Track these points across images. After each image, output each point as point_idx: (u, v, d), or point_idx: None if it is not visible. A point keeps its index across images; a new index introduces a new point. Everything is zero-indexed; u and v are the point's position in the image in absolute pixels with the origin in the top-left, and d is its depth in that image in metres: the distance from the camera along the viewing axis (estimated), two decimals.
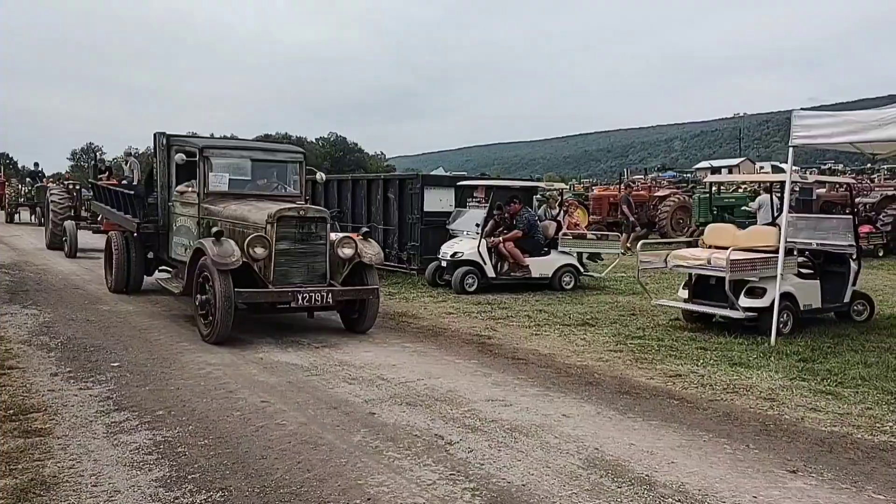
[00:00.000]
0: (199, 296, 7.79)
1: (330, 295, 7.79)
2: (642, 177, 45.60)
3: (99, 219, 16.78)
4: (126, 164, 19.42)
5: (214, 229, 7.79)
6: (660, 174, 50.70)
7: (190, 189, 9.15)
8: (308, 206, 8.35)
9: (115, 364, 6.70)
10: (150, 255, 10.84)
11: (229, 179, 9.11)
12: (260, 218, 7.86)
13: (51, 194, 18.67)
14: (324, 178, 10.50)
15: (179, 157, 8.91)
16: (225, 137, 12.48)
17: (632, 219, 20.63)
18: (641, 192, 26.39)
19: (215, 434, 4.85)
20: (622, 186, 25.54)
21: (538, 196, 15.53)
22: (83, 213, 18.34)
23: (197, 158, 8.86)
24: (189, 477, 4.13)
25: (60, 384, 6.02)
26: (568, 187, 34.37)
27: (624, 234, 18.65)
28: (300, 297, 7.59)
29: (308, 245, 7.90)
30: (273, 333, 8.26)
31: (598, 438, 4.90)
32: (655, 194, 25.89)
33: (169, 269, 10.49)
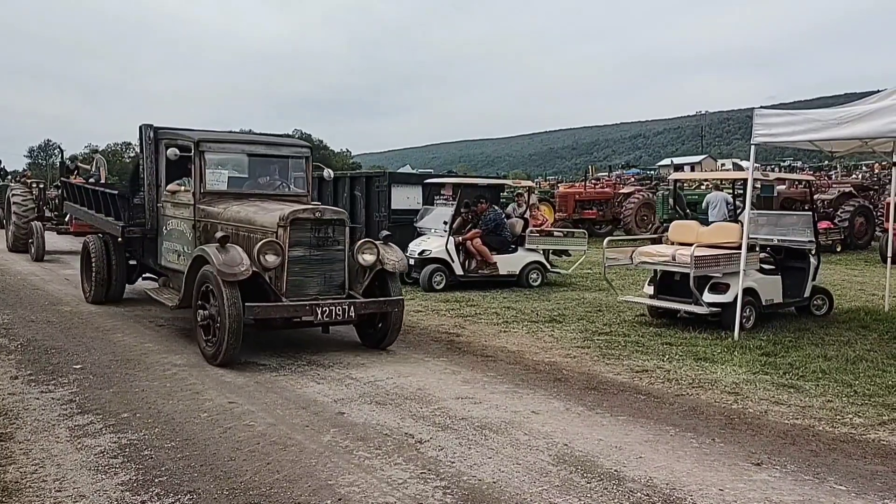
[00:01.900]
0: (200, 311, 6.84)
1: (352, 308, 6.87)
2: (606, 174, 46.04)
3: (66, 219, 16.30)
4: (92, 162, 18.93)
5: (219, 234, 6.81)
6: (624, 171, 51.30)
7: (183, 188, 8.22)
8: (324, 206, 7.28)
9: (78, 366, 6.57)
10: (133, 261, 9.97)
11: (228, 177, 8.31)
12: (270, 221, 6.94)
13: (13, 194, 17.48)
14: (332, 176, 9.62)
15: (172, 152, 7.81)
16: (212, 131, 11.40)
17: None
18: (606, 190, 26.66)
19: (182, 436, 4.79)
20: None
21: (505, 193, 15.58)
22: (47, 214, 17.48)
23: (192, 153, 7.87)
24: (156, 480, 4.07)
25: (21, 387, 5.89)
26: (534, 185, 34.55)
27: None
28: (319, 312, 6.68)
29: (325, 251, 7.00)
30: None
31: (567, 434, 4.94)
32: (620, 191, 26.18)
33: (154, 276, 9.62)
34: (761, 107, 8.03)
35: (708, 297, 8.41)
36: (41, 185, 19.16)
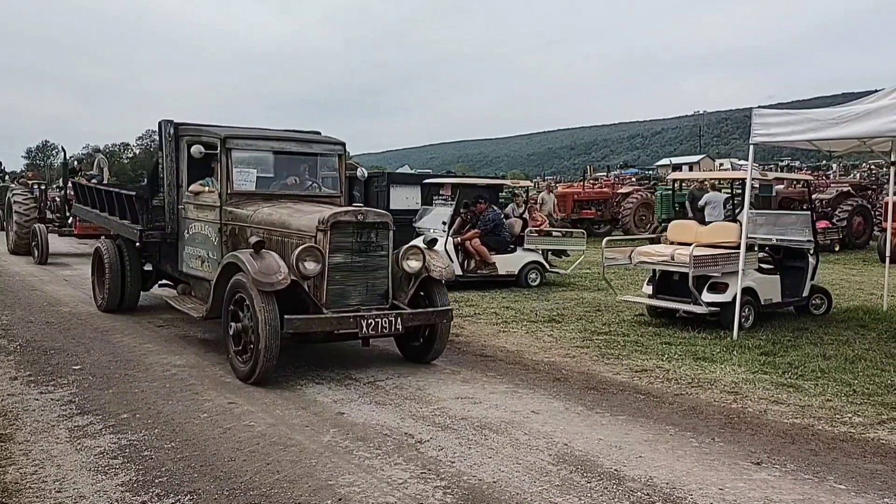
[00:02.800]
0: (232, 323, 6.27)
1: (399, 320, 6.28)
2: (605, 174, 46.08)
3: (69, 221, 16.03)
4: (94, 162, 18.72)
5: (253, 239, 6.23)
6: (622, 171, 51.32)
7: (207, 189, 7.58)
8: (367, 209, 6.72)
9: (77, 367, 6.57)
10: (148, 266, 9.33)
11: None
12: (308, 224, 6.37)
13: (14, 195, 16.91)
14: (365, 175, 8.98)
15: (197, 150, 7.19)
16: (236, 127, 10.67)
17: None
18: (604, 190, 26.68)
19: (182, 436, 4.79)
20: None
21: (504, 193, 15.60)
22: (49, 216, 16.98)
23: (218, 151, 7.29)
24: (156, 481, 4.07)
25: (20, 388, 5.89)
26: (532, 185, 34.56)
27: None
28: (364, 324, 6.10)
29: (367, 257, 6.42)
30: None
31: (567, 434, 4.94)
32: (618, 191, 26.20)
33: (170, 283, 9.13)
34: (759, 106, 8.04)
35: (707, 296, 8.42)
36: (42, 187, 18.71)
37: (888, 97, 7.36)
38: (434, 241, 7.18)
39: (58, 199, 17.57)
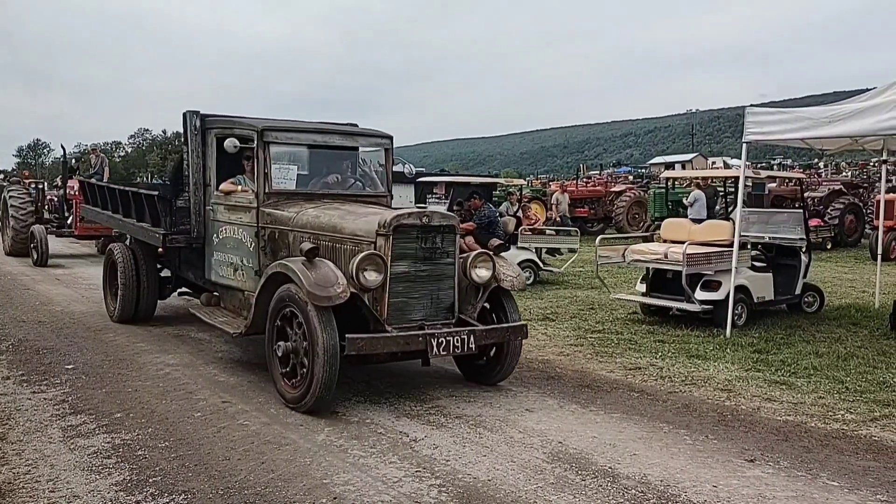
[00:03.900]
0: (280, 343, 5.50)
1: (472, 338, 5.51)
2: (598, 172, 46.16)
3: (68, 221, 15.61)
4: (96, 159, 18.44)
5: (305, 245, 5.45)
6: (615, 170, 51.45)
7: (240, 188, 6.84)
8: (431, 210, 5.97)
9: (70, 366, 6.54)
10: (165, 272, 8.70)
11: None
12: (366, 228, 5.61)
13: (10, 195, 16.21)
14: (413, 172, 8.07)
15: (231, 144, 6.51)
16: (269, 119, 7.18)
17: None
18: (597, 188, 26.73)
19: (176, 436, 4.77)
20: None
21: (498, 191, 15.65)
22: (46, 216, 16.47)
23: (255, 145, 6.56)
24: (150, 480, 4.06)
25: (13, 388, 5.86)
26: (525, 183, 34.60)
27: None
28: (434, 344, 5.33)
29: (432, 265, 5.67)
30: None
31: (562, 432, 4.95)
32: (612, 190, 26.25)
33: (189, 290, 8.51)
34: (752, 105, 8.07)
35: (700, 294, 8.44)
36: (40, 186, 18.06)
37: (880, 96, 7.40)
38: (502, 247, 6.45)
39: (55, 199, 17.10)
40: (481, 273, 5.96)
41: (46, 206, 17.04)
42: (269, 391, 5.84)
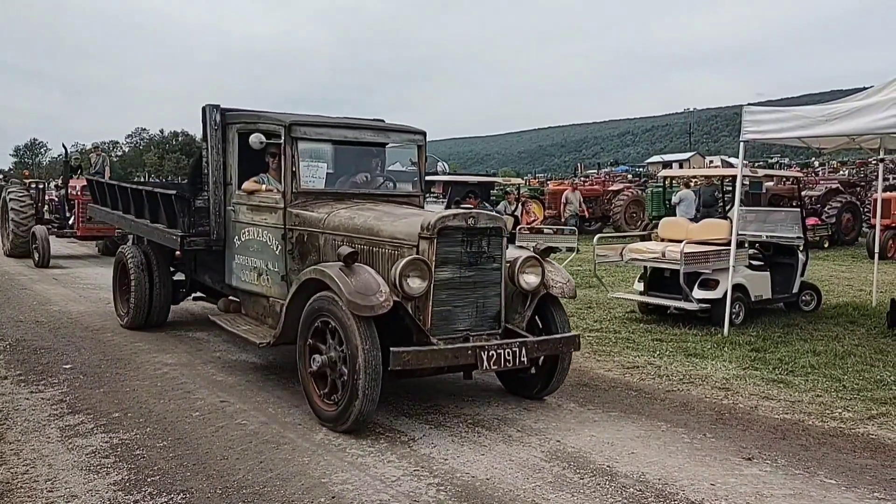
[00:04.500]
0: (316, 356, 5.08)
1: (523, 350, 5.07)
2: (596, 171, 46.17)
3: (70, 221, 15.37)
4: (97, 158, 18.28)
5: (344, 249, 5.03)
6: (613, 169, 51.45)
7: (265, 187, 6.44)
8: (477, 211, 5.66)
9: (68, 366, 6.54)
10: (179, 275, 8.30)
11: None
12: (407, 231, 5.19)
13: (9, 195, 15.68)
14: (447, 170, 7.64)
15: (257, 139, 6.01)
16: (295, 114, 6.41)
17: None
18: (595, 187, 26.75)
19: (174, 435, 4.77)
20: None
21: (495, 190, 15.67)
22: (46, 216, 16.13)
23: (282, 140, 6.10)
24: (148, 480, 4.05)
25: (10, 388, 5.85)
26: (523, 182, 34.62)
27: None
28: (485, 357, 4.89)
29: (478, 271, 5.23)
30: (226, 331, 8.11)
31: (560, 431, 4.96)
32: (609, 188, 26.27)
33: (204, 294, 8.18)
34: (749, 104, 8.07)
35: (697, 293, 8.45)
36: (41, 186, 17.67)
37: (877, 95, 7.42)
38: (549, 250, 5.98)
39: (56, 199, 16.82)
40: (530, 279, 5.53)
41: (47, 207, 16.73)
42: (267, 390, 5.85)
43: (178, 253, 7.51)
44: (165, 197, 7.58)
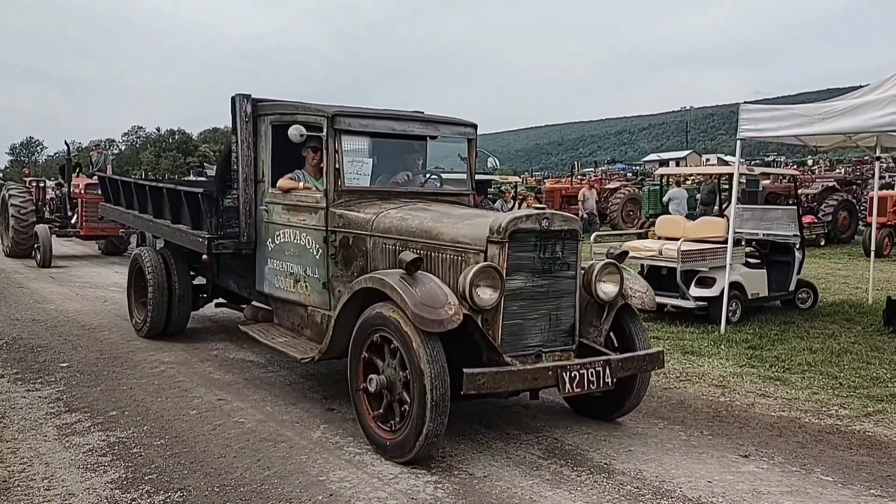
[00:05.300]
0: (373, 376, 4.48)
1: (607, 370, 4.50)
2: (592, 169, 46.24)
3: (72, 221, 15.17)
4: (98, 156, 18.11)
5: (407, 254, 4.43)
6: (610, 167, 51.54)
7: (302, 185, 5.88)
8: (550, 211, 4.87)
9: (65, 364, 6.53)
10: (200, 279, 7.78)
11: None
12: (473, 234, 4.59)
13: (9, 194, 15.35)
14: (497, 167, 7.14)
15: (297, 132, 5.41)
16: (337, 106, 5.92)
17: None
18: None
19: (171, 433, 4.77)
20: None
21: (492, 189, 15.67)
22: (47, 216, 15.92)
23: (324, 133, 5.54)
24: (146, 478, 4.05)
25: (7, 386, 5.84)
26: (520, 180, 34.62)
27: None
28: (567, 378, 4.35)
29: (552, 279, 4.64)
30: (226, 330, 8.13)
31: (557, 428, 4.96)
32: (606, 187, 26.32)
33: (226, 300, 7.75)
34: (746, 102, 8.09)
35: (694, 291, 8.47)
36: (42, 185, 17.38)
37: (873, 93, 7.43)
38: (624, 255, 5.28)
39: (56, 198, 16.56)
40: (608, 288, 4.91)
41: (47, 206, 16.54)
42: (264, 388, 5.84)
43: (204, 257, 6.90)
44: (190, 195, 6.96)
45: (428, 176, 6.36)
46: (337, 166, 5.51)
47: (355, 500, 3.80)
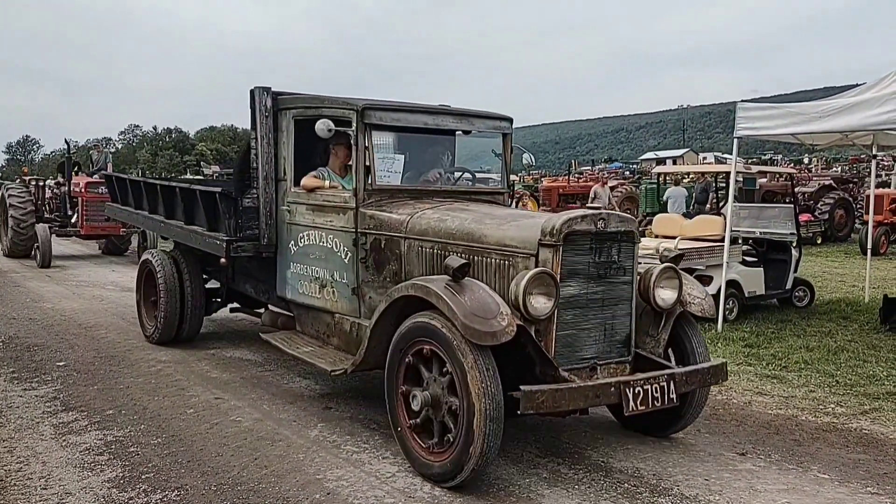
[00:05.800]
0: (415, 392, 4.13)
1: (672, 385, 4.15)
2: (589, 168, 46.29)
3: (72, 220, 14.97)
4: (98, 155, 17.99)
5: (454, 259, 4.06)
6: (607, 165, 51.58)
7: (328, 183, 5.53)
8: (605, 211, 4.52)
9: (61, 363, 6.52)
10: (213, 282, 7.47)
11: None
12: (523, 236, 4.25)
13: (8, 193, 15.09)
14: (533, 163, 6.79)
15: (325, 126, 4.96)
16: (366, 99, 5.55)
17: None
18: (589, 184, 26.77)
19: (168, 432, 4.77)
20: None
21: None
22: (46, 215, 15.68)
23: (353, 128, 5.17)
24: (143, 477, 4.05)
25: (4, 385, 5.83)
26: (517, 179, 34.63)
27: None
28: (631, 395, 4.01)
29: (607, 286, 4.30)
30: (223, 327, 8.12)
31: (555, 427, 4.96)
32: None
33: (240, 305, 7.46)
34: (743, 101, 8.09)
35: None
36: (41, 184, 17.02)
37: (870, 91, 7.44)
38: (680, 258, 4.86)
39: (56, 197, 16.30)
40: (666, 295, 4.53)
41: (47, 205, 16.32)
42: (261, 387, 5.84)
43: (222, 260, 6.40)
44: (206, 195, 6.53)
45: (461, 174, 6.01)
46: (367, 163, 5.16)
47: (352, 498, 3.80)
